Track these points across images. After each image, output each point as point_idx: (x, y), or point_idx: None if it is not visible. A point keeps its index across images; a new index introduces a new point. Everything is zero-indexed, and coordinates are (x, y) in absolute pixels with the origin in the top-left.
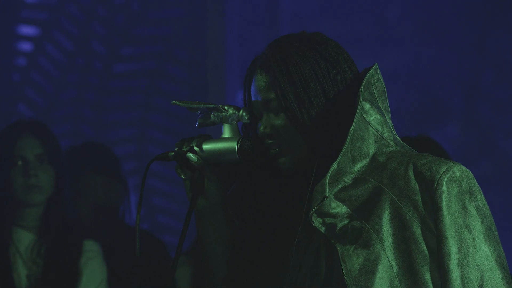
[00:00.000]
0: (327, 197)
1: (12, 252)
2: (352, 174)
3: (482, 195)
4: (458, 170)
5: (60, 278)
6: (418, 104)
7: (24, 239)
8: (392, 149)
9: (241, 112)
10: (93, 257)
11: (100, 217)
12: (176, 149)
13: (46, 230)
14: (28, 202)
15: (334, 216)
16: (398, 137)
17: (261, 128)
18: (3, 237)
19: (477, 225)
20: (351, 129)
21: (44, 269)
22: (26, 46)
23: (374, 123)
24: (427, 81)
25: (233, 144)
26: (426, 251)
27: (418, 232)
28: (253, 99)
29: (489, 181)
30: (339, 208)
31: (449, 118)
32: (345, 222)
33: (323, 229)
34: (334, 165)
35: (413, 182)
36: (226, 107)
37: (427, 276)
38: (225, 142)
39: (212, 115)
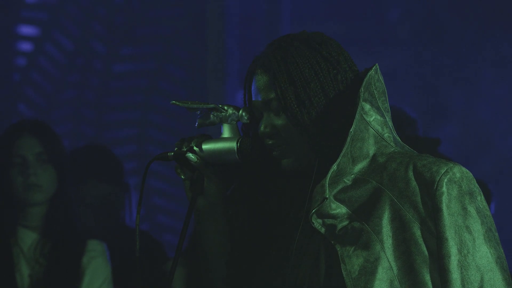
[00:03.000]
0: (327, 198)
1: (15, 252)
2: (352, 175)
3: (482, 196)
4: (458, 171)
5: (63, 277)
6: (418, 104)
7: (27, 238)
8: (392, 149)
9: (240, 112)
10: (96, 257)
11: (100, 217)
12: (175, 149)
13: (49, 229)
14: (28, 202)
15: (334, 217)
16: (398, 138)
17: (262, 128)
18: (6, 237)
19: (477, 226)
20: (351, 130)
21: (47, 268)
22: (26, 46)
23: (374, 123)
24: (427, 81)
25: (233, 144)
26: (426, 252)
27: (418, 233)
28: (253, 99)
29: (488, 180)
30: (339, 209)
31: (449, 117)
32: (345, 223)
33: (323, 230)
34: (334, 166)
35: (413, 183)
36: (225, 107)
37: (427, 277)
38: (224, 142)
39: (211, 115)
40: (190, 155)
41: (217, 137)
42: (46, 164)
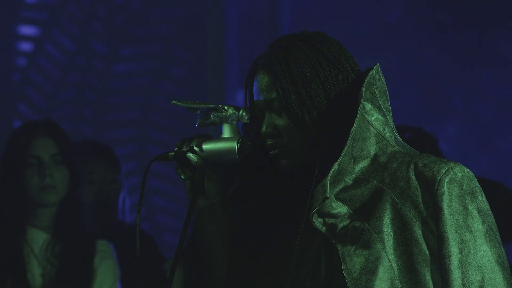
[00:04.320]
0: (328, 198)
1: (27, 252)
2: (353, 174)
3: (483, 196)
4: (459, 171)
5: (74, 277)
6: (418, 104)
7: (39, 238)
8: (393, 149)
9: (241, 112)
10: (106, 257)
11: (96, 216)
12: (176, 149)
13: (61, 229)
14: (43, 202)
15: (335, 216)
16: (399, 137)
17: (263, 128)
18: (18, 237)
19: (478, 226)
20: (352, 130)
21: (58, 268)
22: (26, 46)
23: (375, 123)
24: (427, 81)
25: (233, 144)
26: (427, 252)
27: (419, 232)
28: (255, 98)
29: (488, 180)
30: (340, 208)
31: (449, 117)
32: (346, 222)
33: (324, 229)
34: (335, 166)
35: (414, 182)
36: (226, 107)
37: (428, 277)
38: (225, 142)
39: (212, 115)
40: (190, 155)
41: (218, 137)
42: (60, 165)
